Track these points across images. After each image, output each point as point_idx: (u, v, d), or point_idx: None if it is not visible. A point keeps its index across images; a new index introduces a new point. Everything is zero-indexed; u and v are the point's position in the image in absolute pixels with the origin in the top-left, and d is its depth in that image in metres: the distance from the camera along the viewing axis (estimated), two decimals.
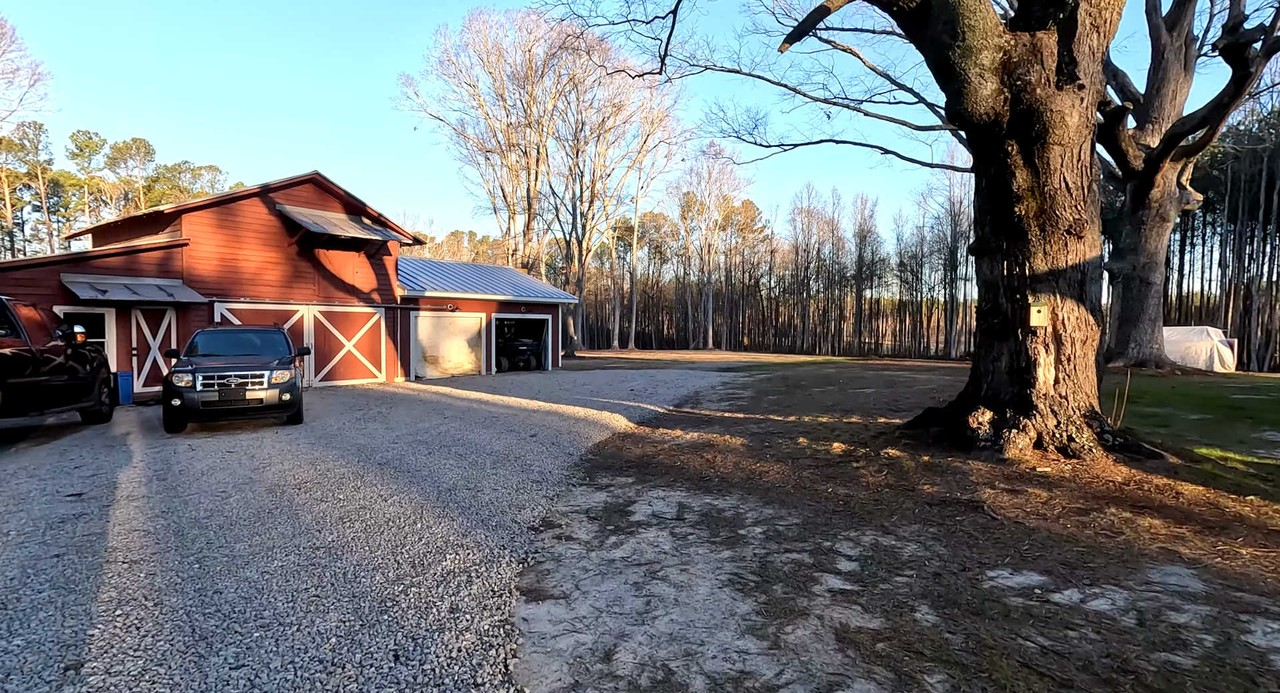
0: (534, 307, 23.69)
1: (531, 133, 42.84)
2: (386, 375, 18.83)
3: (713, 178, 65.74)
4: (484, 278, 24.37)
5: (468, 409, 12.43)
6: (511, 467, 7.29)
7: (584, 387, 16.93)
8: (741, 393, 15.16)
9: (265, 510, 5.42)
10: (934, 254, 63.54)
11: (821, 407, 11.77)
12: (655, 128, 49.02)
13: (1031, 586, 3.48)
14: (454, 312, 21.01)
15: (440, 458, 7.72)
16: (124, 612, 3.40)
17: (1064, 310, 5.78)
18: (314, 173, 16.90)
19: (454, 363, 21.28)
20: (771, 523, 4.96)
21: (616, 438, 9.31)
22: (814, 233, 69.20)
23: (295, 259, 16.77)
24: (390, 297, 19.00)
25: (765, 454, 7.48)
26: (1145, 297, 18.60)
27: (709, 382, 18.42)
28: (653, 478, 6.78)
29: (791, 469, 6.68)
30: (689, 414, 11.73)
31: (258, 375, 9.80)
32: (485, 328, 22.03)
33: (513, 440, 8.94)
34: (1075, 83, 5.50)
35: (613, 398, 14.23)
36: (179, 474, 6.88)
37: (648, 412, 12.06)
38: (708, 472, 6.91)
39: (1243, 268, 39.06)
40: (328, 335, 17.41)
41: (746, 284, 75.53)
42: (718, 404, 13.09)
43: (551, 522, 5.27)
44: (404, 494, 5.99)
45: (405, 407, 12.88)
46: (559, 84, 42.47)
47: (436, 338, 20.79)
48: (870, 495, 5.46)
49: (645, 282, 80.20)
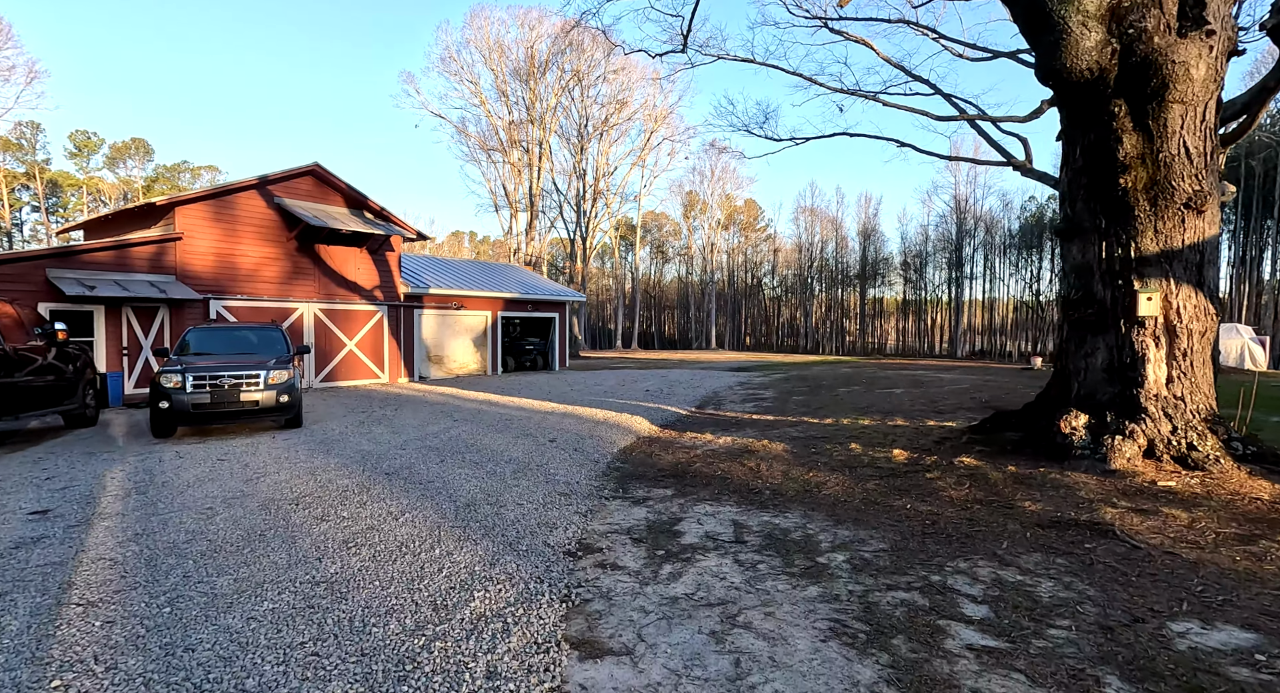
0: (541, 305, 22.91)
1: (534, 129, 42.06)
2: (389, 376, 18.04)
3: (715, 176, 65.00)
4: (490, 275, 23.59)
5: (477, 411, 11.64)
6: (534, 477, 6.50)
7: (596, 387, 16.14)
8: (763, 393, 14.37)
9: (256, 532, 4.63)
10: (938, 253, 62.90)
11: (855, 408, 10.99)
12: (659, 125, 48.24)
13: (1244, 648, 2.70)
14: (459, 310, 20.23)
15: (454, 467, 6.92)
16: (63, 684, 2.61)
17: (1179, 297, 5.01)
18: (314, 164, 16.11)
19: (459, 363, 20.49)
20: (853, 548, 4.18)
21: (643, 443, 8.53)
22: (817, 231, 68.46)
23: (294, 254, 15.98)
24: (393, 294, 18.22)
25: (815, 462, 6.69)
26: None
27: (724, 382, 17.64)
28: (694, 490, 5.99)
29: (852, 480, 5.89)
30: (713, 416, 10.94)
31: (253, 376, 9.01)
32: (491, 327, 21.24)
33: (531, 446, 8.15)
34: (1203, 28, 4.75)
35: (629, 399, 13.45)
36: (162, 487, 6.09)
37: (669, 414, 11.27)
38: (755, 482, 6.12)
39: (1258, 264, 38.26)
40: (328, 334, 16.62)
41: (749, 284, 74.80)
42: (741, 406, 12.30)
43: (590, 544, 4.49)
44: (417, 511, 5.20)
45: (411, 408, 12.09)
46: (562, 79, 41.68)
47: (441, 337, 20.00)
48: (961, 514, 4.67)
49: (647, 281, 79.46)
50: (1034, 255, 57.80)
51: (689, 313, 77.41)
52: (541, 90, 42.69)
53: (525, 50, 42.80)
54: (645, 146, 48.32)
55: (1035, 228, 57.91)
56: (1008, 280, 60.15)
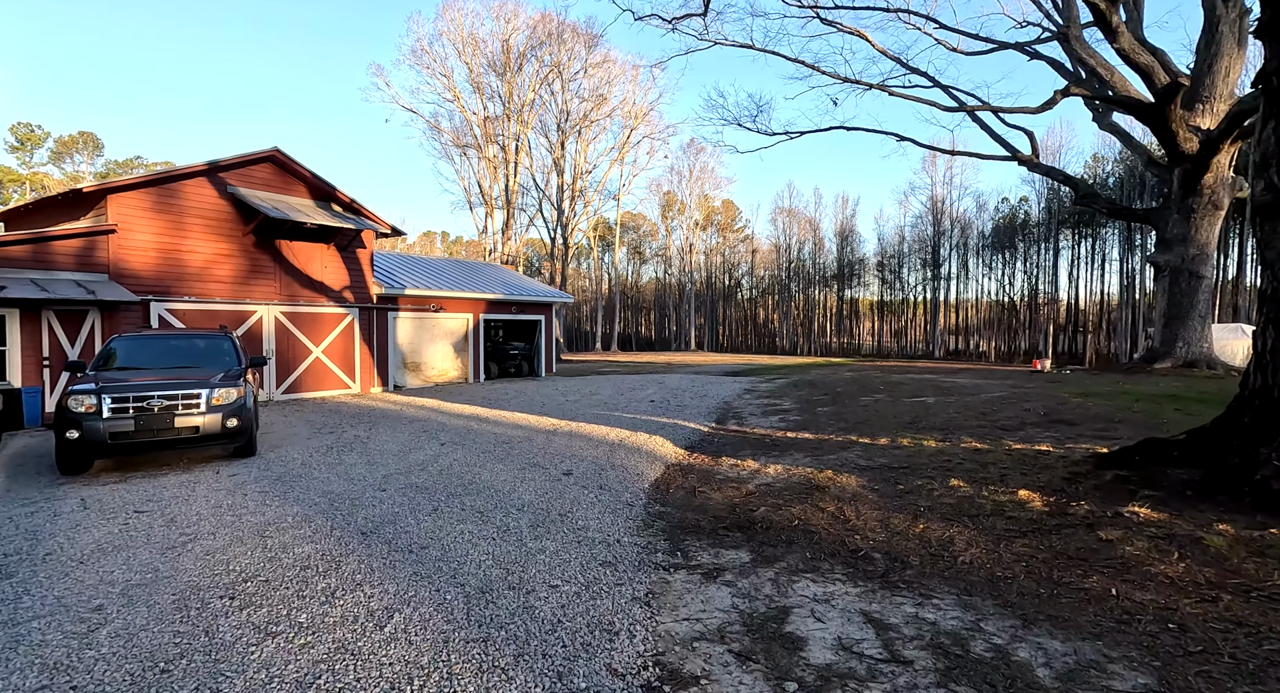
0: (526, 307, 21.17)
1: (511, 124, 40.15)
2: (361, 385, 16.14)
3: (694, 176, 63.83)
4: (471, 275, 21.75)
5: (466, 430, 9.95)
6: (559, 532, 4.91)
7: (592, 397, 14.54)
8: (780, 403, 12.95)
9: (155, 666, 2.95)
10: (913, 254, 62.74)
11: (901, 424, 9.61)
12: (639, 122, 46.73)
13: None
14: (438, 312, 18.40)
15: (451, 519, 5.28)
16: None
17: None
18: (273, 150, 14.15)
19: (438, 370, 18.65)
20: (1100, 686, 2.70)
21: (675, 473, 6.98)
22: (795, 232, 67.84)
23: (252, 251, 14.01)
24: (365, 295, 16.33)
25: (916, 506, 5.23)
26: (1195, 291, 17.00)
27: (729, 390, 16.20)
28: (774, 549, 4.49)
29: (987, 538, 4.45)
30: (741, 434, 9.45)
31: (192, 395, 7.20)
32: (472, 331, 19.44)
33: (542, 481, 6.54)
34: None
35: (634, 412, 11.89)
36: (42, 562, 4.32)
37: (689, 432, 9.75)
38: (852, 539, 4.64)
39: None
40: (292, 340, 14.67)
41: (726, 285, 73.86)
42: (766, 420, 10.84)
43: (674, 668, 2.95)
44: (410, 608, 3.57)
45: (388, 427, 10.33)
46: (540, 72, 39.86)
47: (418, 342, 18.15)
48: (1210, 610, 3.24)
49: (624, 283, 77.92)
50: (1006, 256, 57.99)
51: (666, 314, 76.11)
52: (519, 84, 40.84)
53: (500, 43, 40.90)
54: (625, 144, 46.78)
55: (1007, 229, 58.09)
56: (981, 281, 60.34)
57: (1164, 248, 17.45)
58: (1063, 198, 52.82)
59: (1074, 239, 53.87)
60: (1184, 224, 17.08)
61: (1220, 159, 16.31)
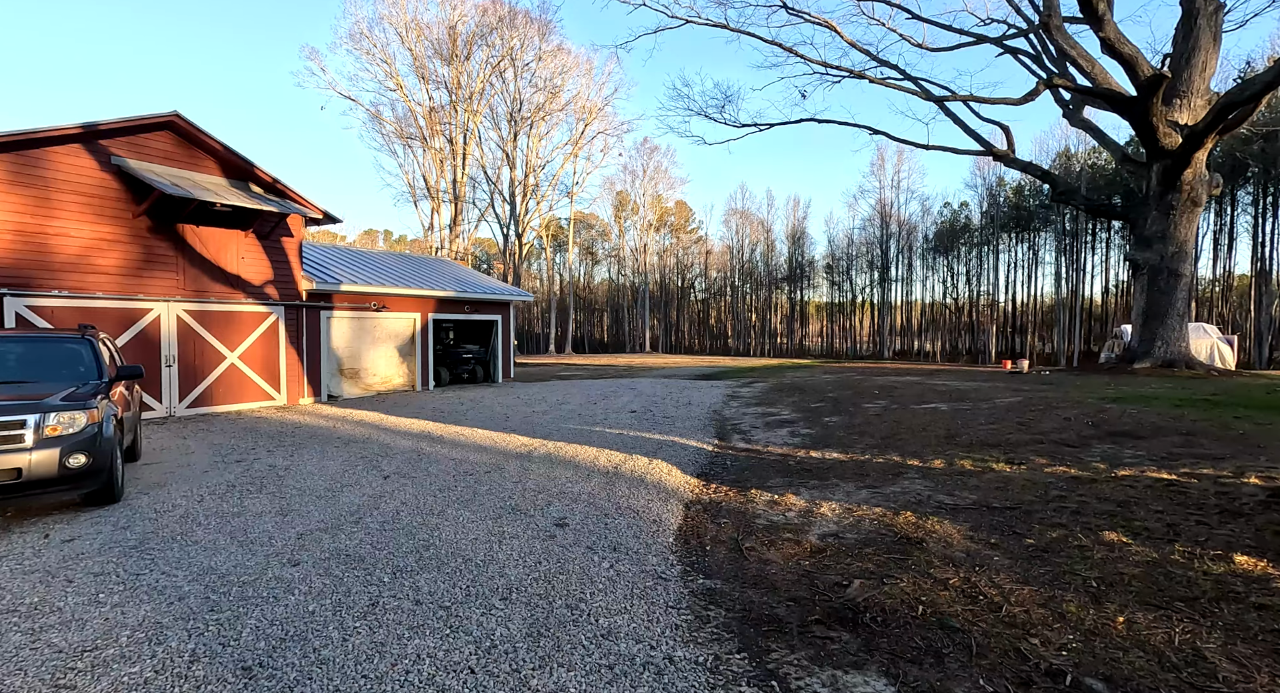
0: (481, 306, 18.94)
1: (460, 113, 37.52)
2: (288, 396, 13.65)
3: (647, 176, 62.44)
4: (418, 270, 19.34)
5: (417, 455, 7.87)
6: (575, 646, 3.05)
7: (562, 407, 12.60)
8: (777, 412, 11.38)
9: None
10: (861, 256, 63.18)
11: (939, 438, 8.15)
12: (593, 118, 44.83)
13: None
14: (380, 312, 16.01)
15: (399, 627, 3.31)
16: None
17: None
18: (172, 114, 11.56)
19: (380, 377, 16.25)
20: None
21: (703, 517, 5.21)
22: (747, 234, 67.43)
23: (147, 237, 11.41)
24: (292, 291, 13.84)
25: (1084, 581, 3.61)
26: (1174, 290, 16.53)
27: (712, 396, 14.56)
28: (920, 670, 2.78)
29: (1260, 650, 2.87)
30: (756, 454, 7.77)
31: (10, 425, 4.93)
32: (420, 332, 17.11)
33: (530, 539, 4.64)
34: None
35: (617, 426, 10.06)
36: None
37: (692, 452, 8.00)
38: (1030, 646, 2.97)
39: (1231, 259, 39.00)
40: (199, 344, 12.10)
41: (680, 286, 72.81)
42: (775, 435, 9.21)
43: None
44: None
45: (317, 451, 8.13)
46: (491, 59, 37.40)
47: (357, 345, 15.72)
48: None
49: (577, 284, 75.75)
50: (949, 258, 59.07)
51: (620, 316, 74.40)
52: (468, 72, 38.23)
53: (447, 30, 38.20)
54: (579, 140, 44.79)
55: (949, 232, 59.21)
56: (926, 282, 61.28)
57: (1143, 245, 16.97)
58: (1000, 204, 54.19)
59: (1011, 242, 55.30)
60: (1163, 221, 16.60)
61: (1199, 155, 15.87)
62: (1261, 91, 13.74)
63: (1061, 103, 20.30)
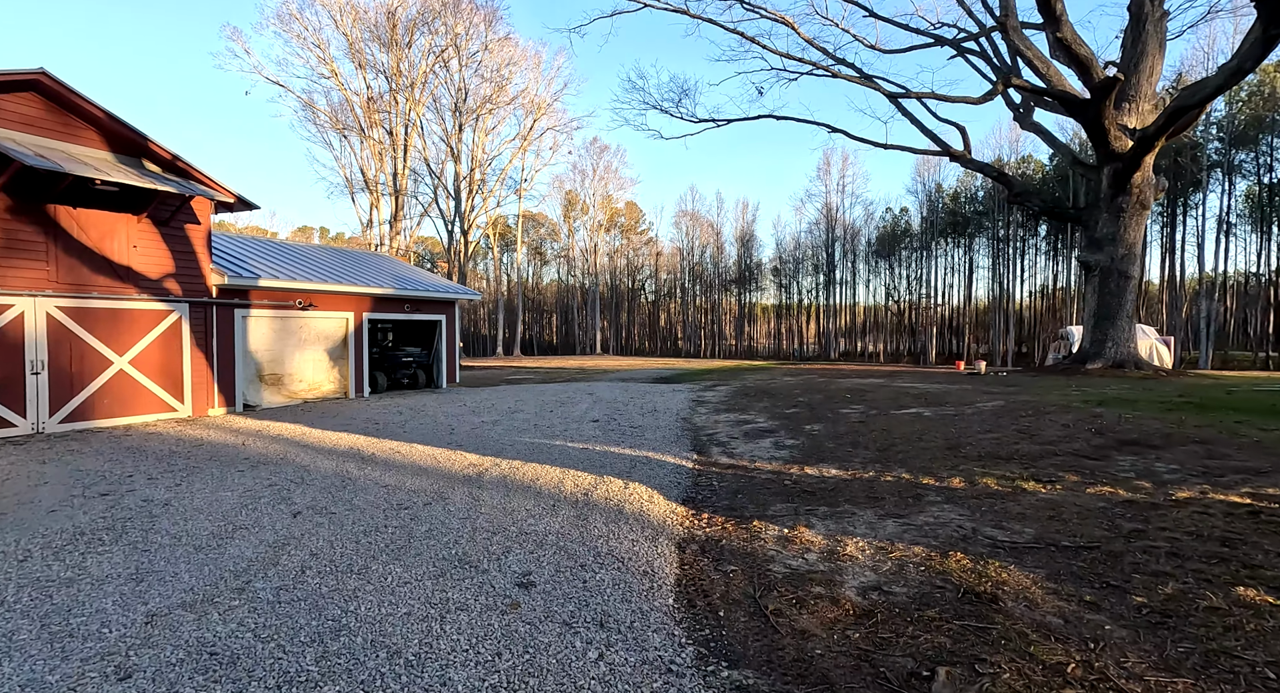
0: (423, 304, 17.25)
1: (403, 101, 35.27)
2: (194, 407, 11.72)
3: (597, 175, 61.19)
4: (352, 266, 17.46)
5: (340, 480, 6.43)
6: None
7: (515, 416, 11.26)
8: (751, 419, 10.42)
9: None
10: (808, 259, 63.85)
11: (941, 450, 7.33)
12: (541, 114, 43.26)
13: None
14: (307, 310, 14.18)
15: None
16: None
17: None
18: (38, 71, 9.53)
19: (308, 383, 14.41)
20: None
21: (703, 563, 4.09)
22: (697, 236, 67.14)
23: (6, 218, 9.38)
24: (199, 286, 11.91)
25: (1259, 671, 2.71)
26: (1124, 291, 16.66)
27: (676, 401, 13.51)
28: None
29: None
30: (743, 472, 6.73)
31: None
32: (354, 333, 15.33)
33: (483, 614, 3.38)
34: None
35: (580, 439, 8.84)
36: None
37: (670, 470, 6.88)
38: None
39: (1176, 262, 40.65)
40: (78, 346, 10.10)
41: (630, 287, 71.85)
42: (756, 446, 8.21)
43: None
44: None
45: (212, 478, 6.55)
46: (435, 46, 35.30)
47: (280, 348, 13.84)
48: None
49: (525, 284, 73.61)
50: (890, 261, 60.43)
51: (570, 318, 72.74)
52: (410, 59, 35.99)
53: (385, 14, 35.87)
54: (528, 135, 43.10)
55: (890, 237, 60.61)
56: (869, 285, 62.53)
57: (1094, 248, 17.07)
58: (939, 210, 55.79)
59: (949, 247, 57.04)
60: (1113, 223, 16.70)
61: (1148, 158, 16.02)
62: (1212, 94, 13.90)
63: (1012, 106, 20.41)
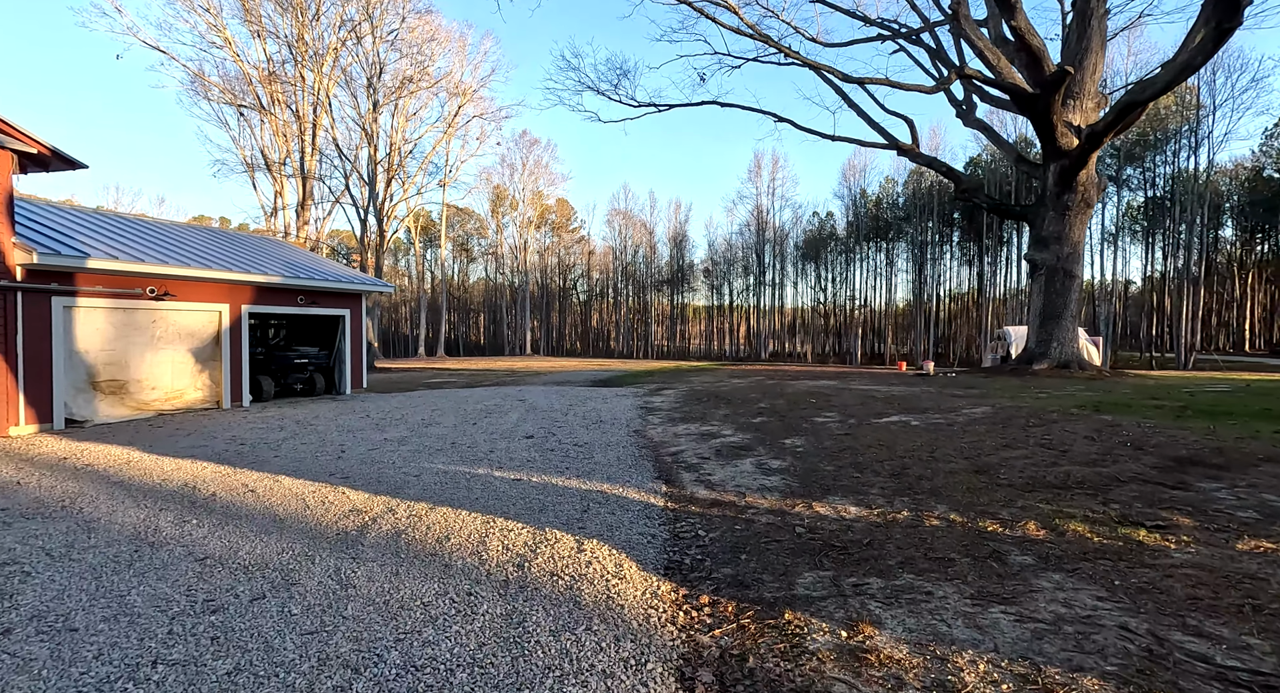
0: (322, 296, 14.47)
1: (310, 76, 31.47)
2: None
3: (526, 170, 58.41)
4: (229, 248, 14.41)
5: (135, 549, 4.11)
6: None
7: (429, 431, 9.03)
8: (720, 433, 8.71)
9: None
10: (739, 261, 63.76)
11: (966, 473, 5.87)
12: (466, 101, 40.26)
13: None
14: (161, 299, 11.25)
15: None
16: None
17: None
18: None
19: (163, 391, 11.45)
20: None
21: None
22: (630, 235, 65.61)
23: None
24: None
25: None
26: (1069, 291, 16.36)
27: (623, 409, 11.64)
28: None
29: None
30: (740, 516, 4.96)
31: None
32: (230, 329, 12.44)
33: None
34: None
35: (510, 465, 6.80)
36: None
37: (636, 513, 5.01)
38: None
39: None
40: None
41: (561, 287, 69.36)
42: (736, 470, 6.48)
43: None
44: None
45: None
46: (347, 18, 31.73)
47: (124, 347, 10.87)
48: None
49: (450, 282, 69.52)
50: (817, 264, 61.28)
51: (498, 317, 69.31)
52: (318, 29, 32.19)
53: None
54: (452, 123, 39.98)
55: (817, 240, 61.47)
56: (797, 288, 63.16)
57: (1040, 246, 16.74)
58: (862, 215, 56.98)
59: (872, 251, 58.40)
60: (1059, 222, 16.38)
61: (1093, 156, 15.75)
62: (1162, 90, 13.67)
63: (955, 103, 20.04)
